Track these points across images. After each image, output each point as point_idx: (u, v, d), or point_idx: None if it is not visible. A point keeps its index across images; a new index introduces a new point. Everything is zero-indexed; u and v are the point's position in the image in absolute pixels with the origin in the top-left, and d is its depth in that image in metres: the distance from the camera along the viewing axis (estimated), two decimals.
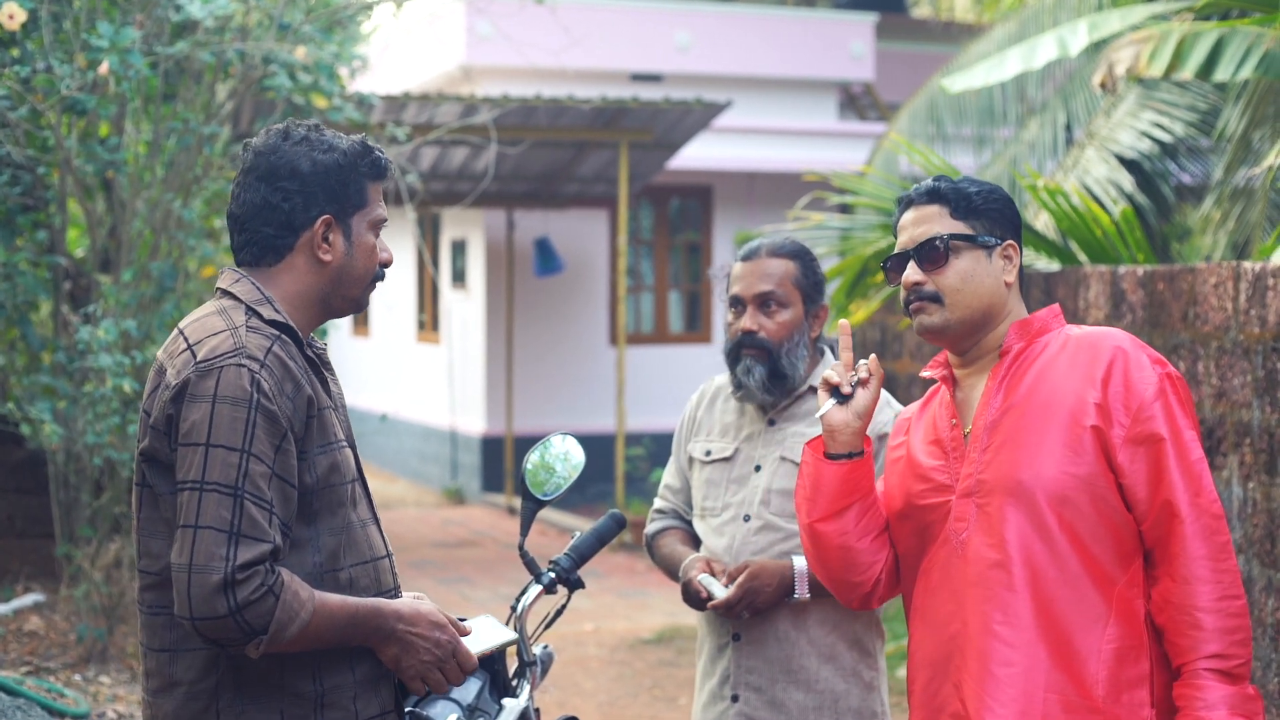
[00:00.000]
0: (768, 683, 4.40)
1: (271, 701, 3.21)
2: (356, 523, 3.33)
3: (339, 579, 3.26)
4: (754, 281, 4.46)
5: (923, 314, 3.56)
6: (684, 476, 4.70)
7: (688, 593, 4.40)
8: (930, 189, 3.62)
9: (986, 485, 3.46)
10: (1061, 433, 3.40)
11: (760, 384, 4.44)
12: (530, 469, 4.17)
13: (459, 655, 3.37)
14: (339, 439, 3.31)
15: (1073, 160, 12.79)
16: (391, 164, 3.47)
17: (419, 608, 3.34)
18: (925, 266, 3.54)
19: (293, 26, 8.94)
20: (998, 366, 3.55)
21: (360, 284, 3.39)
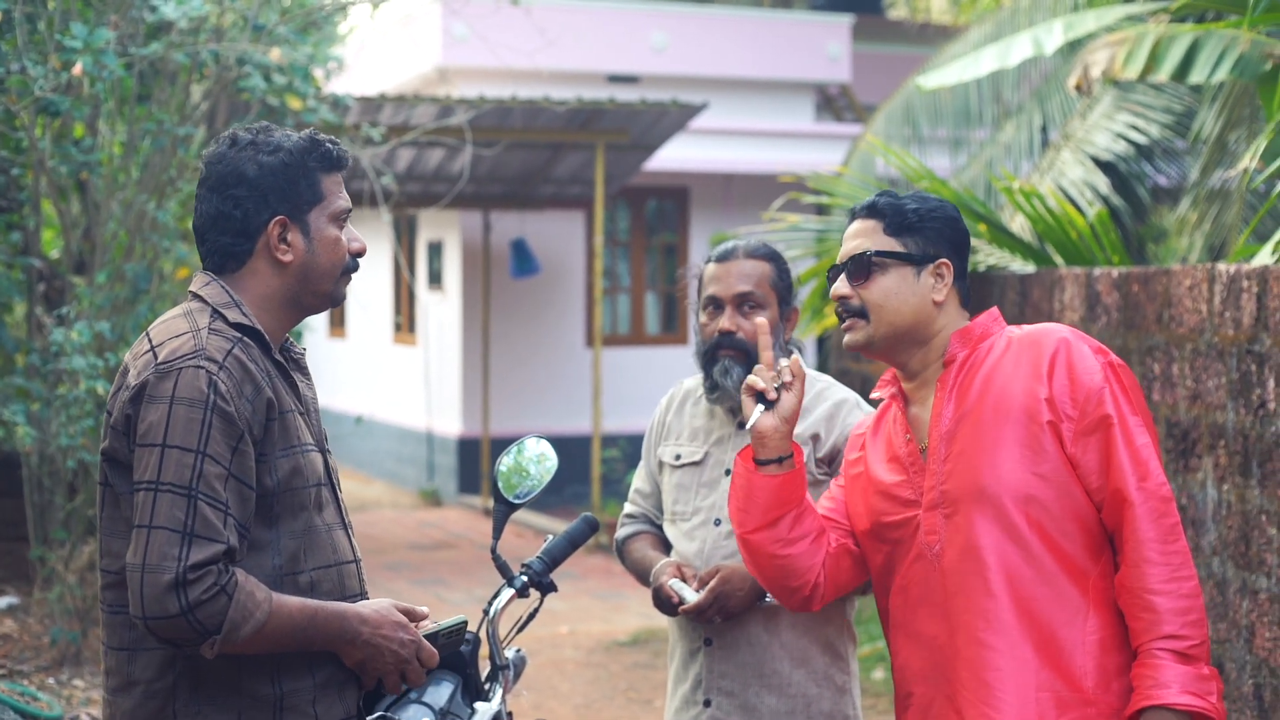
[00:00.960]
0: (740, 687, 4.39)
1: (229, 703, 3.20)
2: (321, 527, 3.32)
3: (299, 582, 3.25)
4: (733, 282, 4.44)
5: (849, 330, 3.63)
6: (654, 481, 4.68)
7: (659, 598, 4.39)
8: (869, 204, 3.65)
9: (951, 495, 3.50)
10: (1018, 433, 3.44)
11: (738, 385, 4.41)
12: (504, 471, 4.15)
13: (422, 654, 3.36)
14: (304, 443, 3.30)
15: (1048, 162, 12.81)
16: (347, 152, 3.45)
17: (381, 610, 3.33)
18: (853, 281, 3.59)
19: (267, 28, 8.91)
20: (945, 376, 3.59)
21: (328, 278, 3.38)
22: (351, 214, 3.46)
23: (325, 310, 3.53)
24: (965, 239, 3.65)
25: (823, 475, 4.39)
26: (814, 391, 4.50)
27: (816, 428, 4.43)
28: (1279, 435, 5.94)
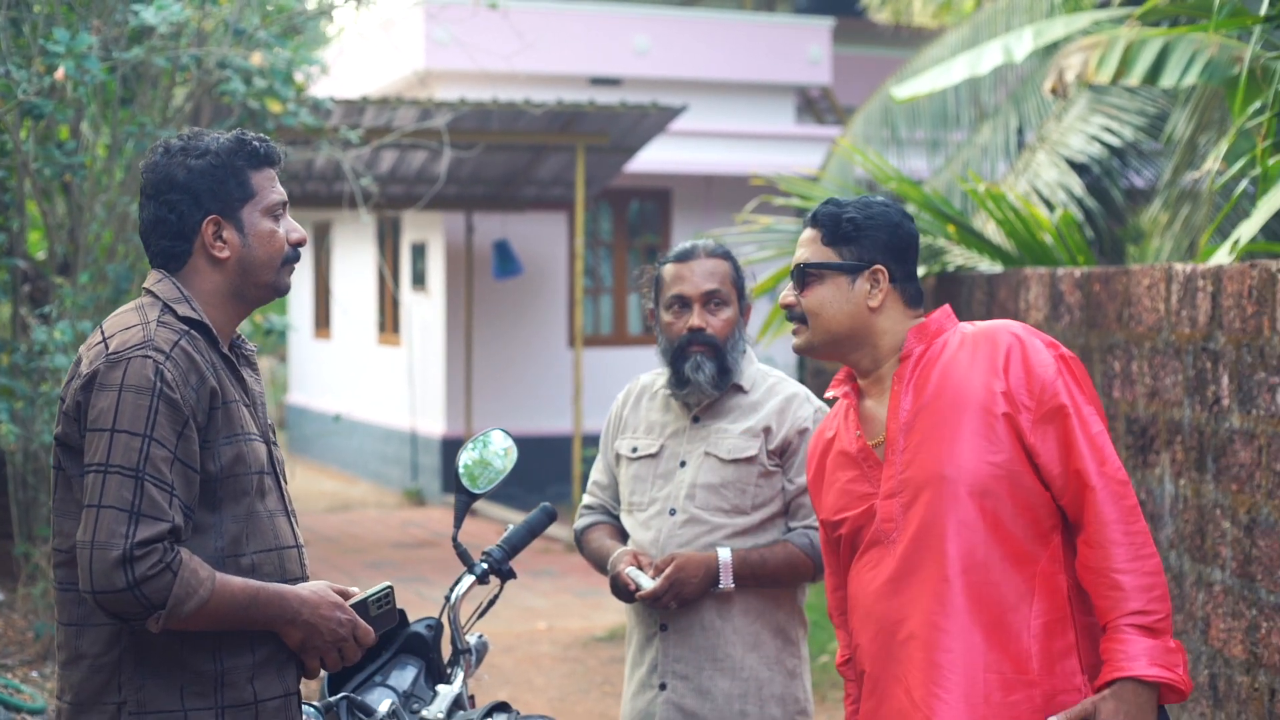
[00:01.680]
0: (694, 671, 4.55)
1: (172, 677, 3.34)
2: (263, 512, 3.47)
3: (241, 564, 3.40)
4: (699, 281, 4.60)
5: (796, 335, 3.83)
6: (611, 473, 4.84)
7: (616, 585, 4.54)
8: (814, 214, 3.82)
9: (909, 483, 3.65)
10: (975, 424, 3.59)
11: (710, 379, 4.58)
12: (469, 465, 4.31)
13: (358, 632, 3.49)
14: (248, 432, 3.45)
15: (1024, 164, 12.96)
16: (277, 149, 3.60)
17: (319, 591, 3.47)
18: (795, 289, 3.78)
19: (247, 32, 9.04)
20: (901, 371, 3.73)
21: (268, 269, 3.53)
22: (288, 205, 3.60)
23: (271, 300, 3.65)
24: (906, 243, 3.80)
25: (774, 466, 4.56)
26: (766, 386, 4.67)
27: (768, 421, 4.59)
28: (1232, 431, 6.09)
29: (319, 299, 23.17)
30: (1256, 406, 5.97)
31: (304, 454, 23.38)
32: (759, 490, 4.58)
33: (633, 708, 4.67)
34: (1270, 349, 5.91)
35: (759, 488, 4.58)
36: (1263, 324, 5.97)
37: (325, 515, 17.56)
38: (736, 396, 4.66)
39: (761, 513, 4.59)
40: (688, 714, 4.56)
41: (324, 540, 15.53)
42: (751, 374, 4.70)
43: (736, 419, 4.62)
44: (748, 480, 4.57)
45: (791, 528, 4.62)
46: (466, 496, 4.23)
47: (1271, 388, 5.90)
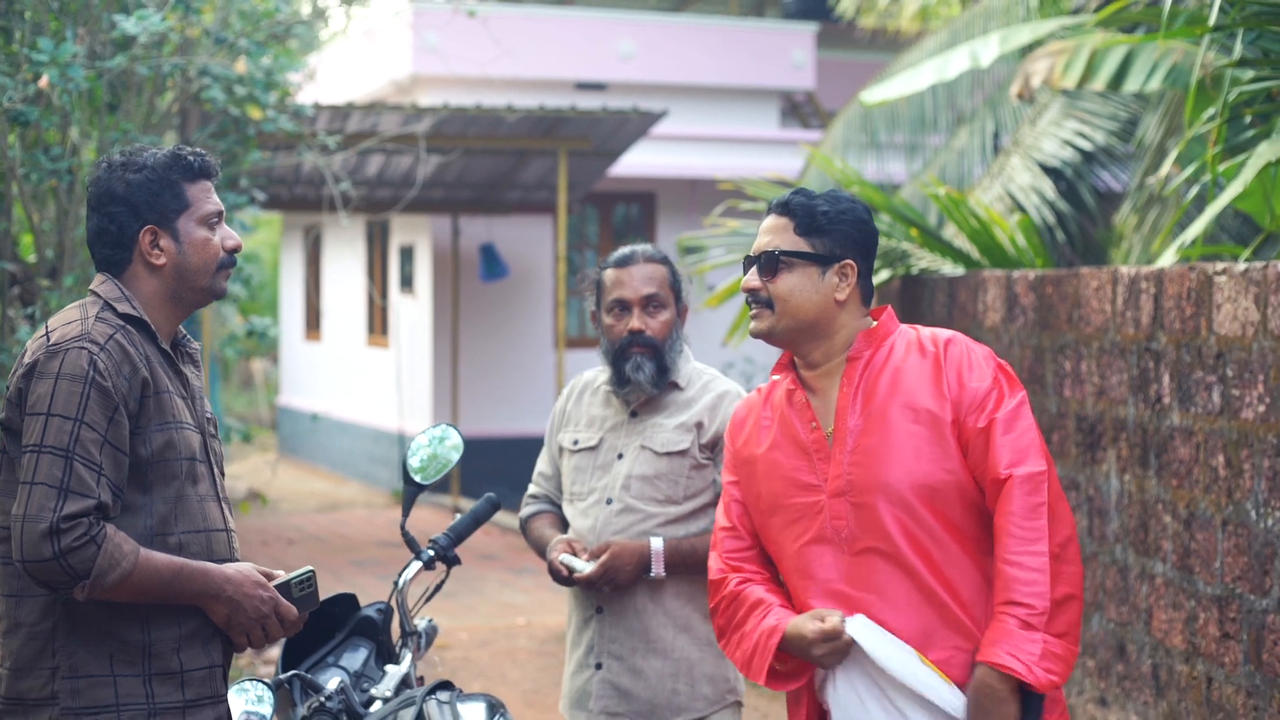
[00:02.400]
0: (628, 652, 4.79)
1: (101, 647, 3.59)
2: (193, 496, 3.71)
3: (168, 543, 3.63)
4: (639, 285, 4.83)
5: (756, 319, 3.89)
6: (555, 464, 5.08)
7: (552, 570, 4.77)
8: (783, 202, 3.90)
9: (858, 486, 3.77)
10: (925, 432, 3.74)
11: (650, 379, 4.82)
12: (425, 459, 4.55)
13: (280, 610, 3.71)
14: (181, 421, 3.69)
15: (998, 167, 13.14)
16: (212, 162, 3.86)
17: (243, 570, 3.70)
18: (762, 275, 3.85)
19: (228, 40, 9.24)
20: (850, 371, 3.85)
21: (203, 275, 3.79)
22: (224, 215, 3.85)
23: (208, 303, 3.91)
24: (873, 240, 3.94)
25: (705, 460, 4.81)
26: (700, 383, 4.91)
27: (701, 416, 4.84)
28: (1173, 428, 6.31)
29: (309, 302, 23.36)
30: (1195, 404, 6.19)
31: (294, 455, 23.57)
32: (690, 482, 4.82)
33: (571, 686, 4.91)
34: (1207, 349, 6.13)
35: (691, 479, 4.82)
36: (1200, 325, 6.18)
37: (314, 515, 17.75)
38: (672, 393, 4.90)
39: (693, 503, 4.83)
40: (622, 692, 4.80)
41: (311, 539, 15.74)
42: (687, 372, 4.94)
43: (671, 414, 4.86)
44: (680, 472, 4.82)
45: None
46: (415, 488, 4.46)
47: (1208, 386, 6.12)
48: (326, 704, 3.97)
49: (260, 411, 29.43)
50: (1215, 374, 6.07)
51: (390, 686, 4.12)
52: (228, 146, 9.87)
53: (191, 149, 3.85)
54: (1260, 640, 5.63)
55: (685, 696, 4.78)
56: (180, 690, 3.64)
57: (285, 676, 4.04)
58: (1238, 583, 5.79)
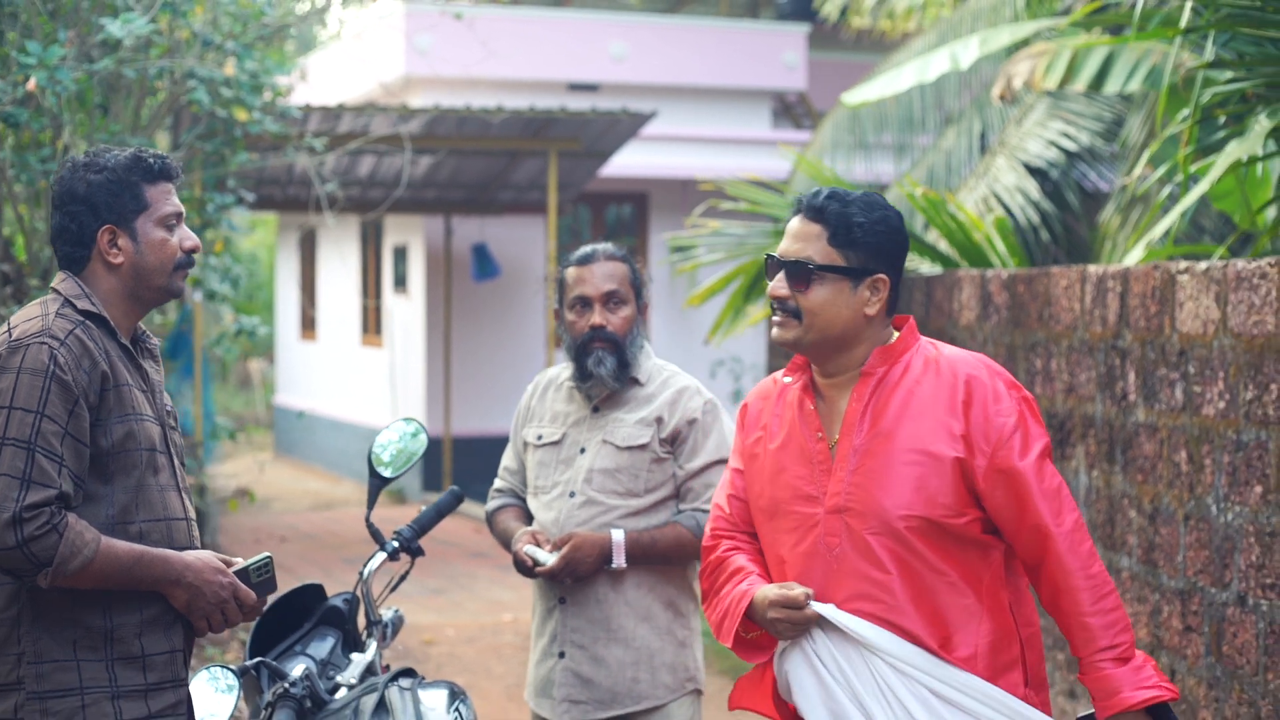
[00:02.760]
0: (590, 641, 4.91)
1: (64, 632, 3.70)
2: (154, 486, 3.82)
3: (130, 531, 3.75)
4: (600, 282, 4.95)
5: (781, 327, 3.77)
6: (519, 459, 5.20)
7: (516, 562, 4.89)
8: (819, 207, 3.75)
9: (855, 508, 3.70)
10: (928, 464, 3.66)
11: (611, 373, 4.94)
12: (395, 454, 4.65)
13: (239, 595, 3.83)
14: (140, 413, 3.80)
15: (984, 168, 13.24)
16: (172, 164, 3.96)
17: (203, 557, 3.82)
18: (792, 284, 3.73)
19: (215, 43, 9.35)
20: (861, 387, 3.75)
21: (160, 274, 3.91)
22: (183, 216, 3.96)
23: (166, 301, 4.02)
24: (905, 250, 3.85)
25: (665, 453, 4.93)
26: (660, 380, 5.03)
27: (661, 411, 4.96)
28: (1138, 425, 6.43)
29: (305, 301, 23.48)
30: (1159, 401, 6.30)
31: (290, 454, 23.68)
32: (651, 475, 4.94)
33: (535, 674, 5.03)
34: (1170, 346, 6.24)
35: (651, 473, 4.94)
36: (1164, 322, 6.30)
37: (307, 513, 17.85)
38: (633, 389, 5.01)
39: (653, 496, 4.95)
40: (584, 680, 4.92)
41: (304, 537, 15.84)
42: (648, 368, 5.06)
43: (632, 409, 4.98)
44: (641, 466, 4.93)
45: (681, 510, 4.97)
46: (380, 481, 4.57)
47: (1171, 383, 6.23)
48: (291, 690, 4.08)
49: (258, 411, 29.54)
50: (1178, 371, 6.18)
51: (355, 674, 4.24)
52: (215, 148, 9.97)
53: (153, 151, 3.96)
54: (1220, 633, 5.74)
55: (646, 684, 4.90)
56: (142, 674, 3.75)
57: (251, 663, 4.15)
58: (1199, 576, 5.90)
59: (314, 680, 4.13)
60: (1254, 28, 7.69)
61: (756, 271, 9.61)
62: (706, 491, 4.94)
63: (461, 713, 4.13)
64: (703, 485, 4.95)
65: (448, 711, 4.11)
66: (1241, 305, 5.78)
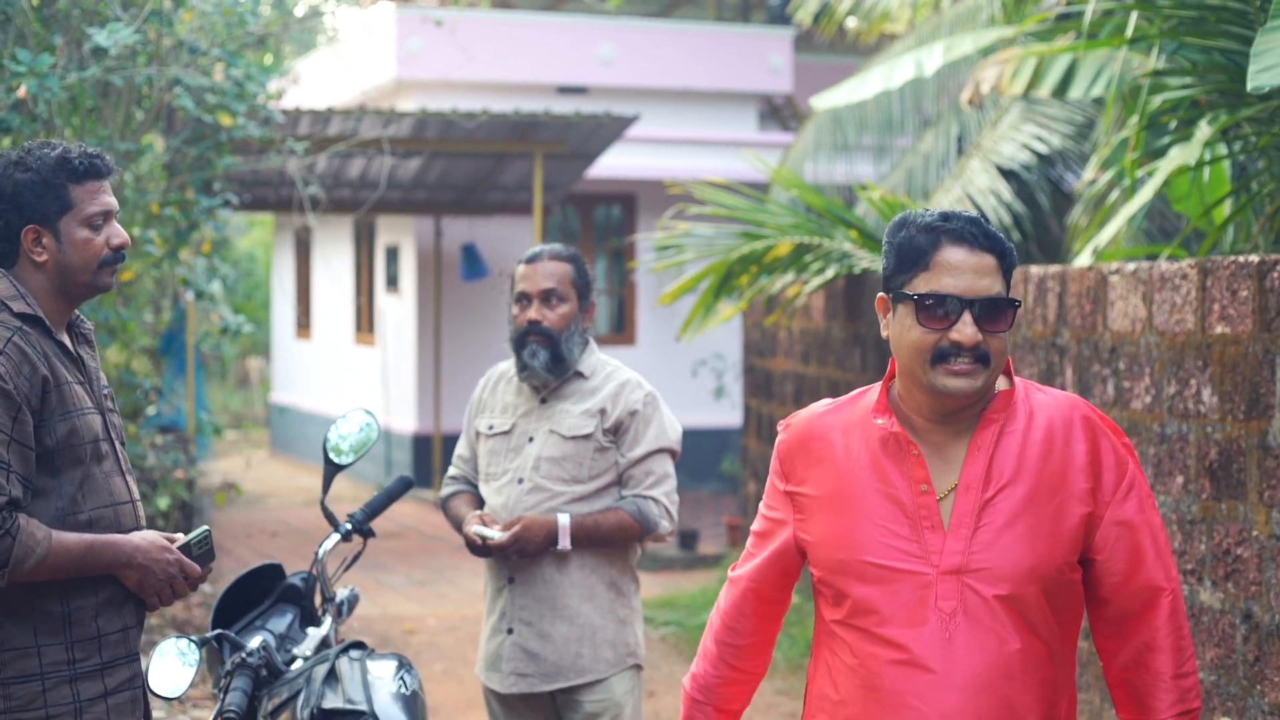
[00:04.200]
0: (537, 618, 5.24)
1: (25, 620, 3.94)
2: (99, 474, 4.05)
3: (79, 519, 3.98)
4: (539, 280, 5.29)
5: (969, 377, 3.29)
6: (472, 448, 5.53)
7: (468, 542, 5.21)
8: (992, 235, 3.32)
9: (985, 571, 3.31)
10: (1059, 522, 3.33)
11: (544, 365, 5.27)
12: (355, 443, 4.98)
13: (185, 569, 4.09)
14: (81, 408, 4.01)
15: (960, 170, 13.54)
16: (101, 163, 4.08)
17: (149, 538, 4.06)
18: (988, 325, 3.28)
19: (200, 51, 9.68)
20: (983, 435, 3.36)
21: (86, 272, 4.06)
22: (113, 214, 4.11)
23: (95, 296, 4.17)
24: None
25: (608, 443, 5.28)
26: (604, 374, 5.38)
27: (604, 403, 5.29)
28: None
29: (300, 301, 23.78)
30: (1093, 396, 6.62)
31: (286, 451, 23.96)
32: (594, 463, 5.27)
33: (486, 649, 5.38)
34: (1103, 344, 6.56)
35: (594, 461, 5.27)
36: (1097, 321, 6.61)
37: (299, 509, 18.12)
38: (577, 382, 5.34)
39: (596, 482, 5.27)
40: (531, 655, 5.24)
41: (295, 532, 16.14)
42: (592, 363, 5.39)
43: (577, 401, 5.31)
44: (585, 454, 5.26)
45: (623, 496, 5.30)
46: (335, 468, 4.90)
47: (1104, 379, 6.55)
48: (248, 660, 4.39)
49: (256, 409, 29.87)
50: (1110, 367, 6.50)
51: (310, 647, 4.55)
52: (201, 152, 10.30)
53: (83, 151, 4.07)
54: None
55: (588, 659, 5.22)
56: (98, 653, 3.99)
57: (212, 635, 4.47)
58: None
59: (270, 651, 4.44)
60: (1200, 37, 7.99)
61: (725, 270, 9.90)
62: (647, 479, 5.27)
63: (405, 680, 4.43)
64: (643, 473, 5.28)
65: (394, 679, 4.41)
66: (1165, 305, 6.09)
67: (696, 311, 10.10)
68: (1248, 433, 5.56)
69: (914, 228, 3.33)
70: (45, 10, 9.37)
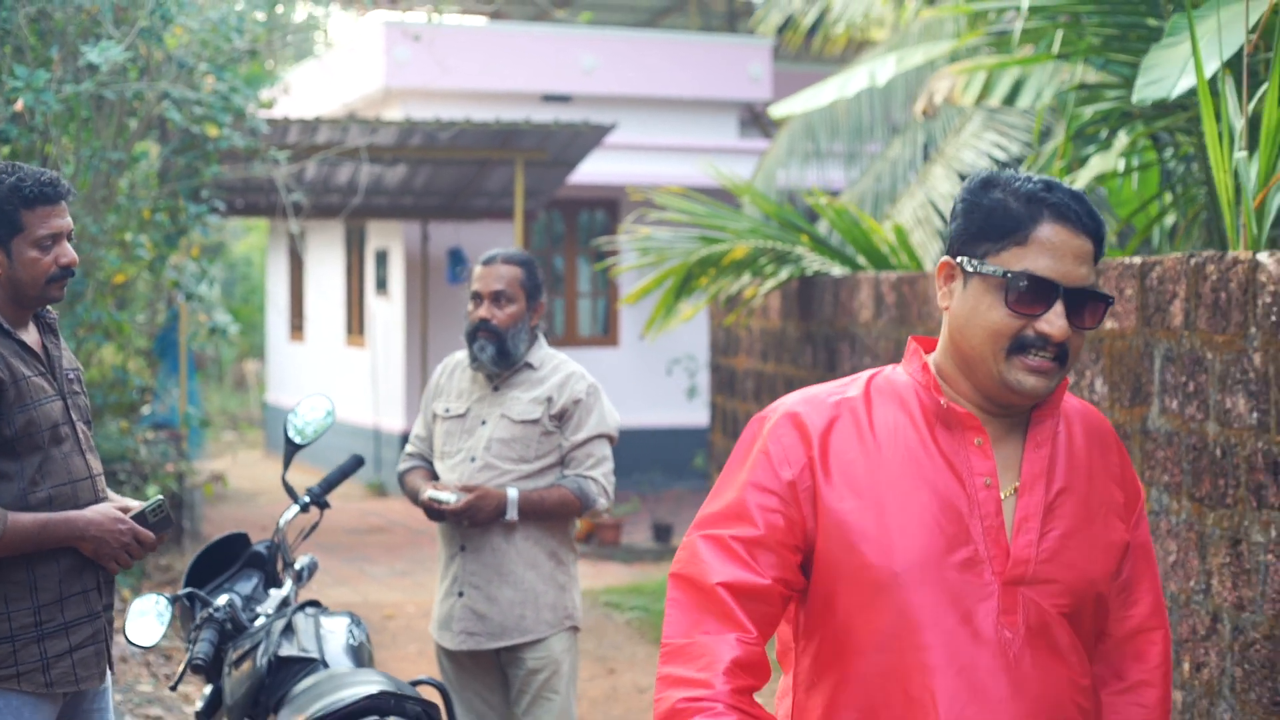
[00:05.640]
0: (485, 582, 5.83)
1: None
2: (58, 455, 4.52)
3: (39, 496, 4.47)
4: (490, 282, 5.86)
5: (1046, 376, 2.88)
6: (429, 428, 6.11)
7: (427, 509, 5.78)
8: (1095, 216, 2.89)
9: (1051, 584, 2.90)
10: (1106, 532, 3.00)
11: (491, 359, 5.86)
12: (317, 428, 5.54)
13: (138, 536, 4.60)
14: (39, 399, 4.48)
15: (924, 176, 14.06)
16: (54, 188, 4.47)
17: (103, 510, 4.56)
18: (1078, 320, 2.86)
19: (189, 65, 10.24)
20: (1040, 432, 2.97)
21: (34, 287, 4.49)
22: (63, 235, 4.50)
23: (47, 304, 4.58)
24: None
25: (553, 427, 5.86)
26: (551, 365, 5.96)
27: (551, 392, 5.87)
28: None
29: (294, 304, 24.28)
30: None
31: (280, 450, 24.42)
32: (540, 445, 5.86)
33: (439, 611, 5.98)
34: None
35: (540, 443, 5.85)
36: None
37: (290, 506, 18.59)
38: (527, 372, 5.92)
39: (541, 462, 5.86)
40: (479, 616, 5.84)
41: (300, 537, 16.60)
42: (541, 355, 5.96)
43: (527, 389, 5.89)
44: (532, 437, 5.85)
45: (565, 475, 5.87)
46: (295, 448, 5.47)
47: None
48: (214, 615, 4.96)
49: (252, 411, 30.43)
50: None
51: (272, 606, 5.11)
52: (189, 161, 10.86)
53: (36, 179, 4.46)
54: None
55: (530, 620, 5.81)
56: (61, 614, 4.49)
57: (184, 593, 5.04)
58: None
59: (236, 609, 5.01)
60: (1122, 52, 8.52)
61: (685, 272, 10.41)
62: (587, 460, 5.86)
63: (354, 633, 5.00)
64: (584, 455, 5.87)
65: (344, 632, 4.99)
66: None
67: (659, 311, 10.62)
68: (1131, 418, 6.11)
69: (1008, 191, 2.88)
70: (42, 24, 9.93)
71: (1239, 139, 6.16)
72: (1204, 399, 5.74)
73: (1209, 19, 6.54)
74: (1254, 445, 5.44)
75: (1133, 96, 6.62)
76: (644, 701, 9.31)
